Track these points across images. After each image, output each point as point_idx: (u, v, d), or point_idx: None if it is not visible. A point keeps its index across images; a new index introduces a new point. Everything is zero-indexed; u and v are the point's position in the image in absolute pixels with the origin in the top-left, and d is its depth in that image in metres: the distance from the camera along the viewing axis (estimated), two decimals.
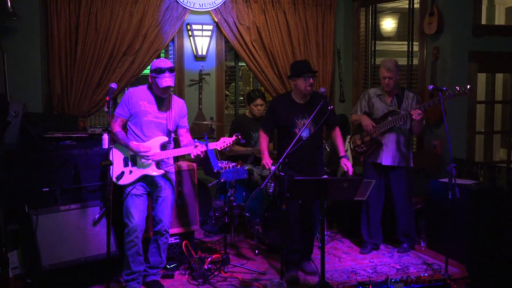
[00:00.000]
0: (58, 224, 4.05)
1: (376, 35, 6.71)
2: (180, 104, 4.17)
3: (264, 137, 4.54)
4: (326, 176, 4.90)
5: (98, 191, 4.37)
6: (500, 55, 5.53)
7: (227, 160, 4.73)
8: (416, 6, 5.94)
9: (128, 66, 5.81)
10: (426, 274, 4.16)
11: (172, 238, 4.57)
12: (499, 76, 6.58)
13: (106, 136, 4.48)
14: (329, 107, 4.05)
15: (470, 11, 5.44)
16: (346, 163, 4.44)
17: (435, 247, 5.03)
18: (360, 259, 4.83)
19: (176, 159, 4.76)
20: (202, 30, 6.17)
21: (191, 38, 6.20)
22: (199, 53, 6.21)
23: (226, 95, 6.83)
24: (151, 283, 4.13)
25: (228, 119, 6.65)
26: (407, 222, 4.99)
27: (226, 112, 6.68)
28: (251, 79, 7.92)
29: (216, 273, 4.34)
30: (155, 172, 4.01)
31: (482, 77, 6.25)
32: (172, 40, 6.17)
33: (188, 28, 6.19)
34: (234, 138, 4.02)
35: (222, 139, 4.03)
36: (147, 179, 4.05)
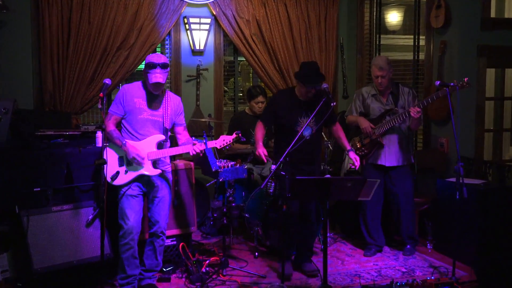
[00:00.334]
0: (50, 225, 4.05)
1: (381, 28, 6.70)
2: (176, 101, 4.16)
3: (261, 128, 4.52)
4: (329, 175, 4.90)
5: (92, 191, 4.36)
6: (510, 49, 5.52)
7: (225, 159, 4.72)
8: None
9: (123, 61, 5.81)
10: (432, 278, 4.16)
11: (169, 240, 4.57)
12: (509, 72, 6.57)
13: (100, 134, 4.47)
14: (331, 104, 4.05)
15: (478, 3, 5.43)
16: (356, 157, 4.44)
17: (442, 249, 5.03)
18: (364, 262, 4.83)
19: (173, 157, 4.76)
20: (200, 23, 6.16)
21: (188, 31, 6.20)
22: (197, 47, 6.21)
23: (225, 91, 6.83)
24: (147, 287, 4.13)
25: (227, 116, 6.65)
26: (411, 222, 4.99)
27: (224, 109, 6.68)
28: (250, 74, 7.91)
29: (214, 276, 4.34)
30: (152, 172, 4.01)
31: (491, 72, 6.25)
32: (169, 34, 6.16)
33: (185, 21, 6.18)
34: (234, 136, 4.02)
35: (222, 137, 4.03)
36: (143, 179, 4.04)
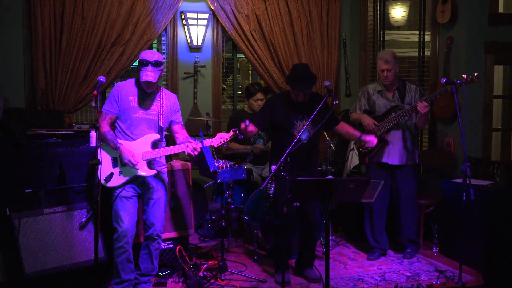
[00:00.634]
0: (42, 228, 4.04)
1: (385, 24, 6.70)
2: (171, 98, 4.17)
3: (253, 128, 4.40)
4: (331, 176, 4.90)
5: (85, 193, 4.36)
6: None
7: (224, 159, 4.72)
8: None
9: (118, 57, 5.80)
10: (438, 282, 4.17)
11: (165, 243, 4.57)
12: None
13: (93, 133, 4.47)
14: (334, 102, 4.05)
15: None
16: (370, 137, 4.42)
17: (448, 253, 5.03)
18: (367, 266, 4.84)
19: (170, 158, 4.76)
20: (197, 18, 6.16)
21: (186, 27, 6.19)
22: (194, 43, 6.20)
23: (223, 89, 6.83)
24: None
25: (226, 115, 6.64)
26: (413, 226, 4.99)
27: (223, 107, 6.68)
28: (250, 71, 7.91)
29: (212, 281, 4.34)
30: (147, 173, 4.01)
31: (499, 69, 6.24)
32: (165, 29, 6.16)
33: (182, 16, 6.18)
34: (232, 133, 4.02)
35: (219, 135, 4.03)
36: (138, 180, 4.05)
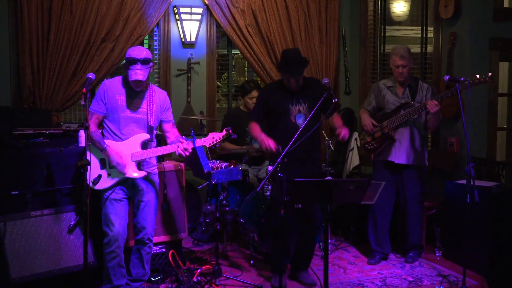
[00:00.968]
0: (29, 231, 4.03)
1: (386, 19, 6.71)
2: (162, 96, 4.16)
3: (256, 124, 4.52)
4: (330, 177, 4.90)
5: (74, 195, 4.35)
6: None
7: (219, 159, 4.72)
8: None
9: (108, 53, 5.79)
10: (441, 287, 4.18)
11: (158, 247, 4.57)
12: None
13: (82, 133, 4.46)
14: (333, 100, 4.05)
15: None
16: (343, 132, 4.40)
17: (452, 257, 5.04)
18: (368, 271, 4.84)
19: (162, 158, 4.75)
20: (191, 13, 6.16)
21: (179, 22, 6.19)
22: (188, 39, 6.20)
23: (218, 87, 6.82)
24: None
25: (220, 114, 6.64)
26: (418, 230, 5.00)
27: (217, 105, 6.67)
28: (245, 68, 7.90)
29: (206, 286, 4.33)
30: (137, 174, 4.00)
31: (504, 66, 6.26)
32: (157, 24, 6.15)
33: (175, 11, 6.17)
34: (225, 133, 4.02)
35: (211, 134, 4.03)
36: (127, 182, 4.04)
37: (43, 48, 5.59)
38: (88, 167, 3.54)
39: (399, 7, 7.04)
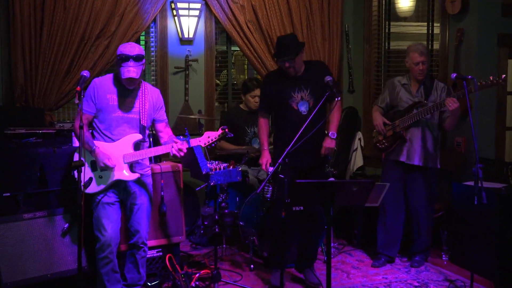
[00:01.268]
0: (21, 234, 4.03)
1: (391, 15, 6.71)
2: (154, 94, 4.12)
3: (265, 124, 4.57)
4: (333, 178, 4.91)
5: (68, 197, 4.35)
6: None
7: (217, 160, 4.72)
8: None
9: (103, 50, 5.79)
10: None
11: (154, 250, 4.56)
12: None
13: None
14: (336, 98, 4.06)
15: None
16: (327, 145, 4.42)
17: (459, 261, 5.04)
18: (372, 275, 4.84)
19: (159, 159, 4.75)
20: (189, 9, 6.16)
21: (176, 18, 6.19)
22: (185, 35, 6.20)
23: (217, 85, 6.82)
24: None
25: (219, 113, 6.64)
26: (425, 235, 5.00)
27: (216, 104, 6.67)
28: (245, 66, 7.90)
29: None
30: (129, 177, 3.96)
31: None
32: (154, 20, 6.15)
33: (173, 6, 6.17)
34: (220, 132, 4.01)
35: (206, 134, 4.01)
36: (119, 185, 4.00)
37: (36, 45, 5.59)
38: (84, 168, 3.52)
39: (404, 2, 7.03)
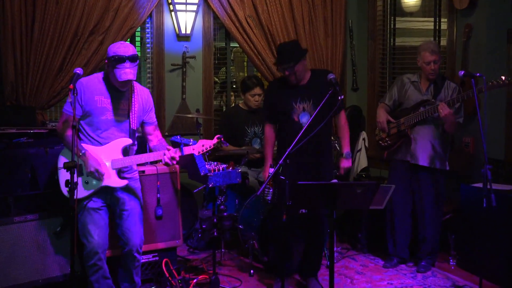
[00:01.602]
0: (12, 238, 4.04)
1: (396, 10, 6.71)
2: (144, 95, 4.07)
3: (270, 133, 4.62)
4: (336, 180, 4.91)
5: (60, 199, 4.34)
6: None
7: (216, 161, 4.72)
8: None
9: (97, 47, 5.79)
10: None
11: (150, 255, 4.56)
12: None
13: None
14: (339, 97, 4.05)
15: None
16: (344, 166, 4.54)
17: (467, 266, 5.04)
18: (376, 281, 4.84)
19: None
20: (186, 3, 6.16)
21: (173, 13, 6.19)
22: (182, 31, 6.20)
23: (215, 83, 6.82)
24: None
25: (218, 112, 6.64)
26: (432, 238, 5.01)
27: (215, 102, 6.67)
28: (245, 63, 7.92)
29: None
30: (117, 183, 3.92)
31: None
32: (150, 15, 6.14)
33: (169, 1, 6.17)
34: (216, 141, 3.99)
35: (201, 142, 3.97)
36: (106, 191, 3.94)
37: (27, 41, 5.58)
38: (64, 173, 3.46)
39: None
